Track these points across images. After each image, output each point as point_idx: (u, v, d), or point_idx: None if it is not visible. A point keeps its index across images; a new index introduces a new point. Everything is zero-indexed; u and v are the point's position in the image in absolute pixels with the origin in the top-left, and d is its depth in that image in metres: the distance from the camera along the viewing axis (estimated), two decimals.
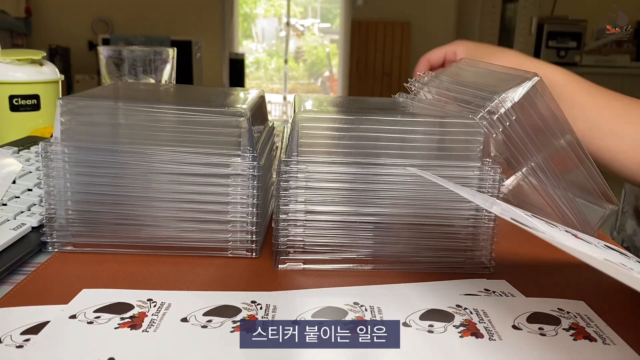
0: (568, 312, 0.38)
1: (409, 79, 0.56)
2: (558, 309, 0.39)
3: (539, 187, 0.49)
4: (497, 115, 0.44)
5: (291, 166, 0.43)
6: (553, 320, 0.37)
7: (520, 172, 0.50)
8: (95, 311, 0.35)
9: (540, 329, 0.36)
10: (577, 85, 0.58)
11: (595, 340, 0.35)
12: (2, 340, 0.32)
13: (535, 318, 0.37)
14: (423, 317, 0.37)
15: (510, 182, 0.57)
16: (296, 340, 0.33)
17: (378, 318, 0.36)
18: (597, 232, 0.52)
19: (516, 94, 0.46)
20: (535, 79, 0.46)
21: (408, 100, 0.54)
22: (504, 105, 0.45)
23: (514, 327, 0.36)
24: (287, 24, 4.69)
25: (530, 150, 0.47)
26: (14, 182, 0.52)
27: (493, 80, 0.52)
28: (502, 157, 0.47)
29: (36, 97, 0.72)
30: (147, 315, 0.35)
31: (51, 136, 0.44)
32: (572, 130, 0.48)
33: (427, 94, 0.53)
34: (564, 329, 0.36)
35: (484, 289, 0.42)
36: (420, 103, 0.52)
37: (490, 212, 0.45)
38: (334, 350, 0.32)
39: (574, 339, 0.35)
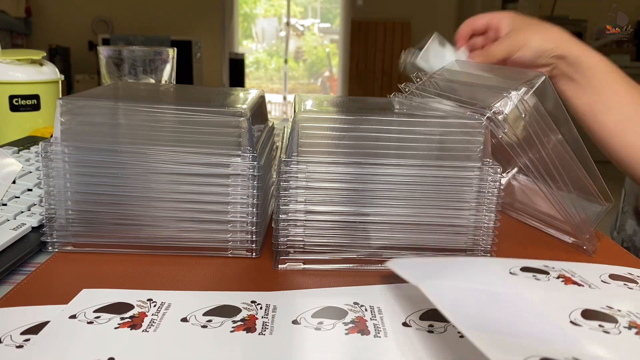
0: None
1: (408, 81, 0.56)
2: None
3: (544, 188, 0.49)
4: (502, 115, 0.44)
5: (291, 166, 0.43)
6: None
7: (511, 171, 0.50)
8: (95, 311, 0.35)
9: None
10: (617, 75, 0.57)
11: None
12: (2, 340, 0.32)
13: None
14: (423, 317, 0.37)
15: (503, 181, 0.57)
16: (296, 340, 0.33)
17: (378, 318, 0.36)
18: (596, 231, 0.52)
19: (522, 94, 0.46)
20: (542, 78, 0.46)
21: (407, 100, 0.54)
22: (510, 105, 0.45)
23: None
24: (287, 24, 4.69)
25: (537, 148, 0.47)
26: (14, 182, 0.52)
27: (497, 80, 0.53)
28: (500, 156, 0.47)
29: (36, 97, 0.72)
30: (147, 315, 0.35)
31: (51, 136, 0.44)
32: (573, 127, 0.48)
33: (424, 94, 0.53)
34: None
35: None
36: (419, 103, 0.52)
37: (490, 213, 0.45)
38: (333, 351, 0.32)
39: None
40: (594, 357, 0.28)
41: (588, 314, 0.32)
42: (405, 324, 0.35)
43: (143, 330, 0.33)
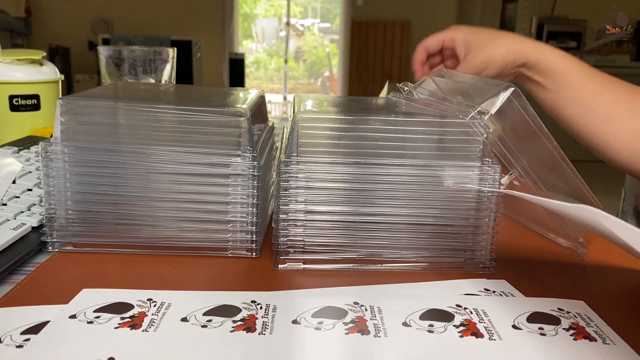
0: (568, 312, 0.38)
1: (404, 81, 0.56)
2: (558, 308, 0.39)
3: (533, 188, 0.49)
4: (487, 116, 0.44)
5: (291, 166, 0.43)
6: (553, 320, 0.37)
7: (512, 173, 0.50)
8: (95, 311, 0.35)
9: (540, 328, 0.36)
10: (577, 69, 0.59)
11: (595, 340, 0.35)
12: (2, 340, 0.32)
13: (535, 318, 0.37)
14: (423, 317, 0.37)
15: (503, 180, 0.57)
16: (296, 340, 0.33)
17: (378, 318, 0.36)
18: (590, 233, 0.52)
19: (499, 100, 0.46)
20: (511, 89, 0.46)
21: (405, 100, 0.54)
22: (503, 103, 0.45)
23: (514, 327, 0.36)
24: (287, 24, 4.69)
25: (526, 151, 0.47)
26: (14, 182, 0.52)
27: (486, 81, 0.53)
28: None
29: (36, 97, 0.72)
30: (147, 315, 0.35)
31: (51, 136, 0.44)
32: (550, 135, 0.48)
33: (420, 95, 0.53)
34: (564, 328, 0.36)
35: (484, 289, 0.42)
36: (418, 104, 0.52)
37: (490, 212, 0.45)
38: (333, 350, 0.32)
39: (574, 339, 0.35)
40: None
41: None
42: (405, 324, 0.35)
43: (143, 330, 0.33)
